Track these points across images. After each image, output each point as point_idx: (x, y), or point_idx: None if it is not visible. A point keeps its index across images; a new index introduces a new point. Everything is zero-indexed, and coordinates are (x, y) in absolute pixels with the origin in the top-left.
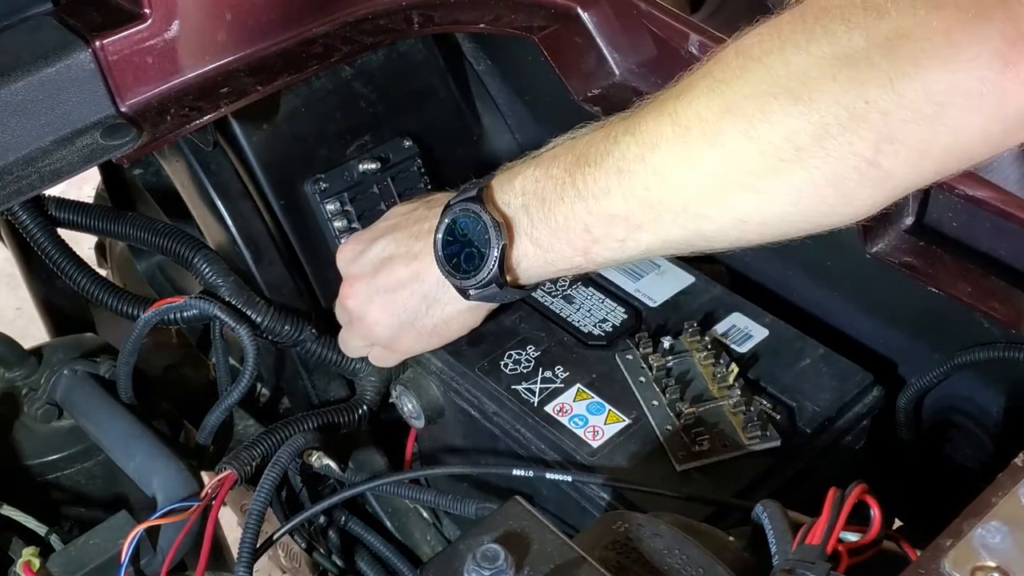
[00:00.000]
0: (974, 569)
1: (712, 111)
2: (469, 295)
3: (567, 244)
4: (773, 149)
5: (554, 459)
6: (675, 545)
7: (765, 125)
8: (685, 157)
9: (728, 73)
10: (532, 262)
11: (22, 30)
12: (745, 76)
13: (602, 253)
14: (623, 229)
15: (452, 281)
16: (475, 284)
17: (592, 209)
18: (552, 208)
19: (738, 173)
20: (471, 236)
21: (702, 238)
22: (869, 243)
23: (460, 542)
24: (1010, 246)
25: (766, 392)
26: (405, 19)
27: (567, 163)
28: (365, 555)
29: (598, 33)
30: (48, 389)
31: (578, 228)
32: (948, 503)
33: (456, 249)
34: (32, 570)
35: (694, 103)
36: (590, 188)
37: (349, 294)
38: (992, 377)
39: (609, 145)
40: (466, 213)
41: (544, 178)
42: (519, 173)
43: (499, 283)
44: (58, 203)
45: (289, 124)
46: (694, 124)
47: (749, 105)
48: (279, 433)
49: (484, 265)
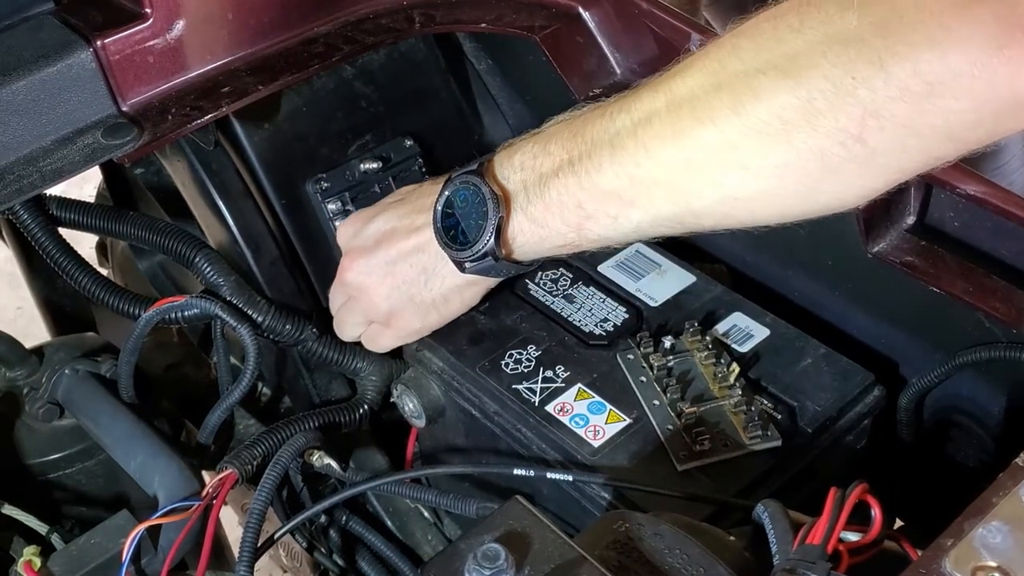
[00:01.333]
0: (975, 569)
1: (703, 88)
2: (465, 267)
3: (561, 220)
4: (761, 124)
5: (555, 459)
6: (676, 545)
7: (753, 100)
8: (675, 133)
9: (722, 52)
10: (528, 237)
11: (23, 30)
12: (738, 54)
13: (595, 230)
14: (615, 205)
15: (449, 253)
16: (471, 256)
17: (585, 185)
18: (548, 184)
19: (726, 149)
20: (469, 208)
21: (692, 214)
22: (870, 242)
23: (461, 541)
24: (1012, 245)
25: (767, 392)
26: (406, 18)
27: (563, 140)
28: (366, 554)
29: (599, 32)
30: (49, 388)
31: (572, 204)
32: (949, 503)
33: (454, 221)
34: (33, 569)
35: (688, 81)
36: (584, 164)
37: (348, 267)
38: (993, 377)
39: (604, 123)
40: (465, 186)
41: (542, 154)
42: (519, 149)
43: (495, 256)
44: (59, 202)
45: (290, 124)
46: (685, 101)
47: (739, 82)
48: (280, 432)
49: (480, 237)
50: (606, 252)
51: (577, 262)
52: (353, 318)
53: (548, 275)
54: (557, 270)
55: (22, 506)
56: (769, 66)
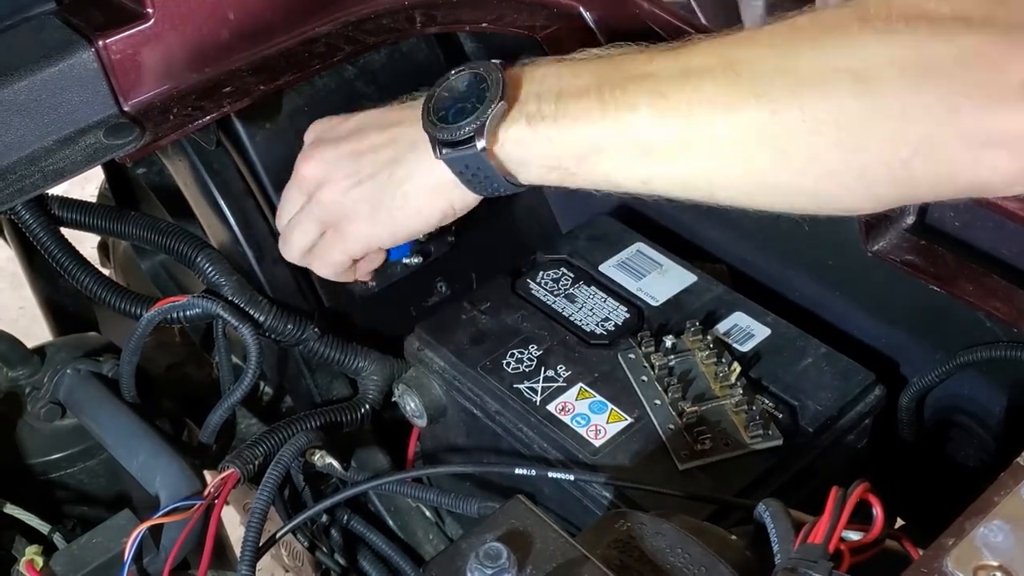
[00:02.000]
0: (976, 568)
1: (769, 65)
2: (443, 152)
3: (565, 145)
4: (818, 124)
5: (556, 458)
6: (677, 544)
7: (820, 99)
8: (727, 101)
9: (798, 35)
10: (521, 147)
11: (25, 30)
12: (815, 45)
13: (600, 166)
14: (633, 150)
15: (429, 131)
16: (452, 135)
17: (610, 118)
18: (566, 103)
19: (776, 136)
20: (471, 94)
21: (709, 184)
22: (871, 242)
23: (462, 541)
24: (1012, 245)
25: (768, 391)
26: (408, 18)
27: (597, 69)
28: (368, 554)
29: (601, 32)
30: (51, 388)
31: (586, 133)
32: (950, 502)
33: (449, 103)
34: (35, 569)
35: (754, 54)
36: (616, 99)
37: (309, 156)
38: (994, 376)
39: (649, 67)
40: (475, 72)
41: (569, 76)
42: (542, 65)
43: (477, 146)
44: (61, 202)
45: (292, 123)
46: (746, 73)
47: (810, 72)
48: (282, 432)
49: (474, 118)
50: (607, 252)
51: (578, 262)
52: (305, 222)
53: (549, 275)
54: (558, 270)
55: (24, 506)
56: (847, 69)
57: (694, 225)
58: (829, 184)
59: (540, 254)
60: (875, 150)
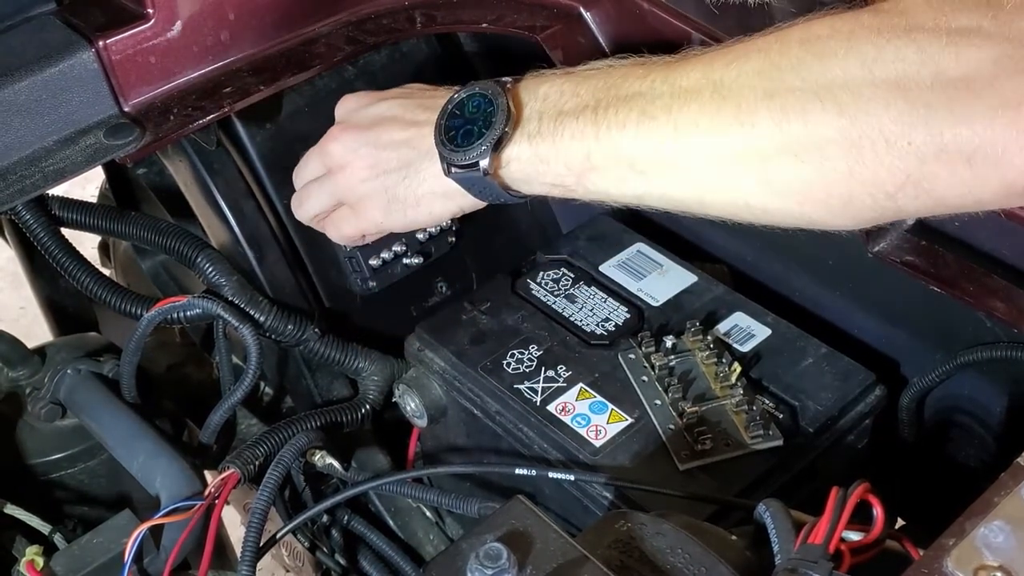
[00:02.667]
0: (977, 568)
1: (755, 91)
2: (451, 172)
3: (564, 162)
4: (800, 149)
5: (557, 458)
6: (678, 544)
7: (801, 124)
8: (712, 124)
9: (784, 59)
10: (523, 166)
11: (26, 30)
12: (799, 69)
13: (597, 184)
14: (626, 169)
15: (440, 150)
16: (461, 160)
17: (602, 138)
18: (564, 123)
19: (758, 158)
20: (478, 115)
21: (700, 204)
22: (871, 242)
23: (463, 541)
24: (1012, 245)
25: (768, 391)
26: (408, 19)
27: (595, 87)
28: (368, 554)
29: (601, 33)
30: (52, 388)
31: (581, 151)
32: (950, 502)
33: (459, 123)
34: (36, 569)
35: (741, 76)
36: (609, 118)
37: (337, 137)
38: (994, 376)
39: (643, 85)
40: (483, 94)
41: (570, 94)
42: (547, 80)
43: (484, 170)
44: (62, 202)
45: (292, 124)
46: (732, 97)
47: (793, 99)
48: (282, 432)
49: (479, 144)
50: (607, 253)
51: (579, 262)
52: (322, 194)
53: (550, 275)
54: (559, 270)
55: (24, 506)
56: (828, 95)
57: (694, 225)
58: (815, 208)
59: (540, 254)
60: (860, 181)
